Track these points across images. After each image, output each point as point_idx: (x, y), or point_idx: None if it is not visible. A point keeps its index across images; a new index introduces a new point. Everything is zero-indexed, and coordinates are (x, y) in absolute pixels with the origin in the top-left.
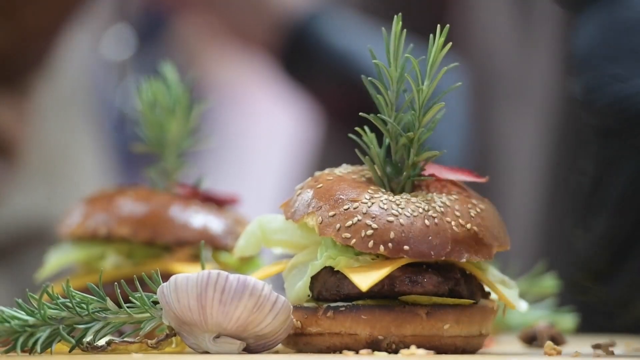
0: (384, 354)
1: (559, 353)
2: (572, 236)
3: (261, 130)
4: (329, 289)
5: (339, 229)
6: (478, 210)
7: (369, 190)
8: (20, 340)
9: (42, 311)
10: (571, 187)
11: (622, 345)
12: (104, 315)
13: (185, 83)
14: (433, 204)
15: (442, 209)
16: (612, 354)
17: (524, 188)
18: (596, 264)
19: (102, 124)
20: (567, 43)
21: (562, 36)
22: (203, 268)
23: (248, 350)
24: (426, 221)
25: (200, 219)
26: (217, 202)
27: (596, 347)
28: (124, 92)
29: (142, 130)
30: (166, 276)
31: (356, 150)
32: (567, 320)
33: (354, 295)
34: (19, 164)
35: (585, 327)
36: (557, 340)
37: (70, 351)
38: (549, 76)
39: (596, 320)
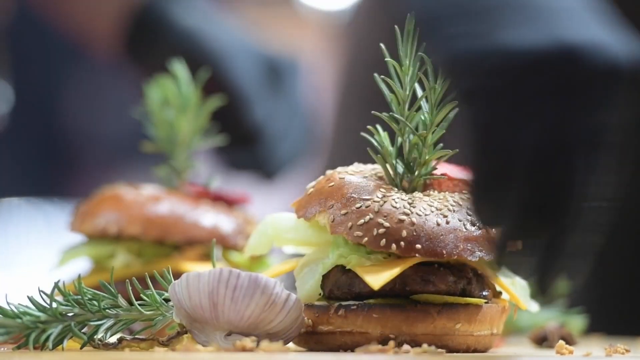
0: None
1: (570, 352)
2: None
3: None
4: (340, 287)
5: (350, 228)
6: None
7: (381, 189)
8: (32, 336)
9: (53, 307)
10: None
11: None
12: (115, 312)
13: (196, 82)
14: (445, 203)
15: (454, 208)
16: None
17: None
18: None
19: None
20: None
21: None
22: (214, 266)
23: None
24: (438, 220)
25: (211, 218)
26: (227, 202)
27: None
28: None
29: (152, 129)
30: (176, 275)
31: (368, 149)
32: (577, 321)
33: (365, 294)
34: None
35: (595, 329)
36: (567, 341)
37: (81, 348)
38: None
39: (606, 321)
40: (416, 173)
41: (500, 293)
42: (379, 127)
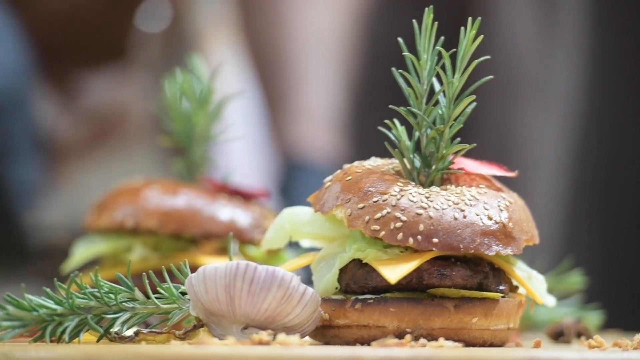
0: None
1: (600, 345)
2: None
3: None
4: (357, 281)
5: (367, 221)
6: (507, 203)
7: (398, 183)
8: (49, 329)
9: (70, 300)
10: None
11: None
12: (132, 305)
13: (213, 76)
14: (462, 197)
15: (471, 202)
16: None
17: (549, 184)
18: None
19: None
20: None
21: (585, 33)
22: (231, 260)
23: None
24: (455, 214)
25: (227, 212)
26: (244, 196)
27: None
28: None
29: (170, 123)
30: (193, 269)
31: (385, 143)
32: (593, 316)
33: (382, 288)
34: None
35: (611, 324)
36: (584, 336)
37: (98, 341)
38: (572, 72)
39: (622, 317)
40: (433, 167)
41: (517, 287)
42: (396, 121)
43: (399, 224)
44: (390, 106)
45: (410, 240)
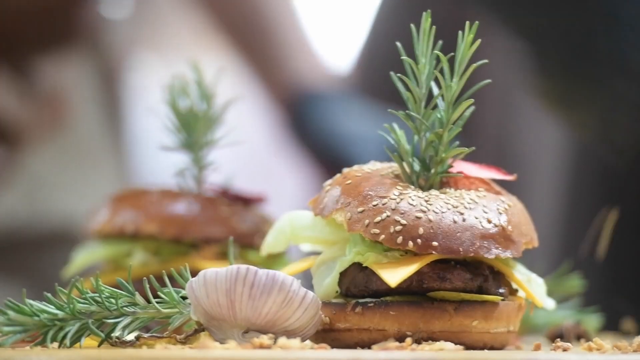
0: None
1: (600, 348)
2: None
3: None
4: (357, 285)
5: (367, 225)
6: (506, 207)
7: (398, 187)
8: (50, 334)
9: (71, 305)
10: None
11: None
12: (133, 310)
13: (213, 83)
14: (462, 201)
15: (470, 206)
16: None
17: (548, 187)
18: None
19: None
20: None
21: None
22: (231, 264)
23: None
24: (455, 217)
25: (228, 216)
26: (244, 201)
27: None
28: None
29: (171, 129)
30: (194, 273)
31: (385, 147)
32: (592, 319)
33: (382, 291)
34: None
35: (610, 327)
36: (583, 338)
37: (99, 345)
38: None
39: (621, 320)
40: (432, 171)
41: (516, 290)
42: (395, 125)
43: (398, 228)
44: (389, 110)
45: (410, 243)
